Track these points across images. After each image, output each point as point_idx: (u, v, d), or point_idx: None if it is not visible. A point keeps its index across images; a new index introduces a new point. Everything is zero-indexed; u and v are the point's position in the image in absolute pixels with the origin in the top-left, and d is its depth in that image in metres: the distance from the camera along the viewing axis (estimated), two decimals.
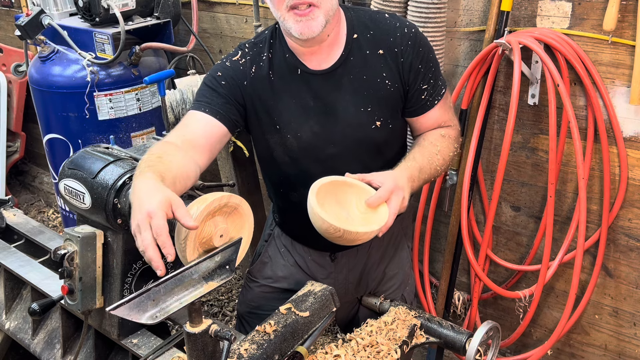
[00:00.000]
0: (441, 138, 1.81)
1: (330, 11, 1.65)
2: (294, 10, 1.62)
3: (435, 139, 1.81)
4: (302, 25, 1.63)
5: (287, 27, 1.65)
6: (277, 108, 1.77)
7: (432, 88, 1.78)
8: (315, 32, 1.63)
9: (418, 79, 1.75)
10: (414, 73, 1.74)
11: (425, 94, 1.78)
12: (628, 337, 2.46)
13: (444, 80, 1.84)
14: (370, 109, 1.75)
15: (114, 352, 1.91)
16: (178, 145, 1.62)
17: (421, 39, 1.76)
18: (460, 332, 1.71)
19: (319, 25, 1.63)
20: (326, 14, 1.63)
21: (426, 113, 1.81)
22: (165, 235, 1.29)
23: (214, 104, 1.73)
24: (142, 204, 1.32)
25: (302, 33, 1.63)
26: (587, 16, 2.16)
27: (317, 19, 1.62)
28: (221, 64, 1.80)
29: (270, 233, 2.08)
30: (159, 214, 1.29)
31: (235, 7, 3.24)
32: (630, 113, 2.16)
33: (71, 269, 1.67)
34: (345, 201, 1.62)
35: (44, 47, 3.03)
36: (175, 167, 1.52)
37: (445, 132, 1.83)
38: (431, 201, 2.70)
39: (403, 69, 1.74)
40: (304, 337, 1.63)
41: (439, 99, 1.81)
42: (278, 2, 1.63)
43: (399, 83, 1.75)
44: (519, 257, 2.66)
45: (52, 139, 3.18)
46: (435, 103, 1.80)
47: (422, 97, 1.78)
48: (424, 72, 1.76)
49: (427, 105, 1.80)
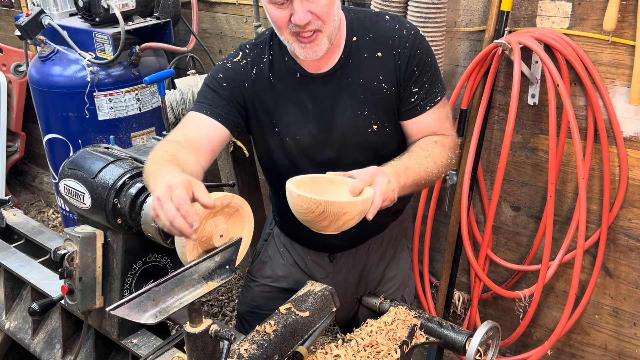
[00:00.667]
0: (433, 144, 1.74)
1: (334, 31, 1.64)
2: (297, 36, 1.62)
3: (426, 144, 1.74)
4: (307, 50, 1.63)
5: (292, 49, 1.66)
6: (277, 110, 1.76)
7: (425, 93, 1.73)
8: (320, 55, 1.64)
9: (411, 80, 1.72)
10: (408, 75, 1.71)
11: (417, 97, 1.73)
12: (628, 337, 2.46)
13: (442, 88, 1.79)
14: (366, 112, 1.73)
15: (114, 352, 1.92)
16: (185, 146, 1.63)
17: (420, 41, 1.73)
18: (460, 332, 1.71)
19: (324, 49, 1.64)
20: (330, 36, 1.63)
21: (416, 118, 1.76)
22: (187, 205, 1.31)
23: (216, 106, 1.73)
24: (166, 181, 1.35)
25: (307, 56, 1.64)
26: (587, 16, 2.16)
27: (322, 43, 1.63)
28: (222, 65, 1.79)
29: (269, 232, 2.09)
30: (180, 187, 1.32)
31: (235, 7, 3.24)
32: (630, 113, 2.16)
33: (71, 269, 1.67)
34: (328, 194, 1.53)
35: (44, 47, 3.03)
36: (189, 165, 1.54)
37: (439, 139, 1.76)
38: (431, 201, 2.70)
39: (399, 71, 1.71)
40: (304, 337, 1.63)
41: (432, 106, 1.75)
42: (281, 26, 1.62)
43: (395, 86, 1.73)
44: (519, 257, 2.66)
45: (52, 139, 3.18)
46: (427, 109, 1.75)
47: (412, 100, 1.74)
48: (418, 74, 1.72)
49: (417, 110, 1.75)
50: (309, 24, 1.58)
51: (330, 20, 1.61)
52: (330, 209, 1.41)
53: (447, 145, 1.76)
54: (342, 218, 1.43)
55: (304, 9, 1.56)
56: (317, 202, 1.40)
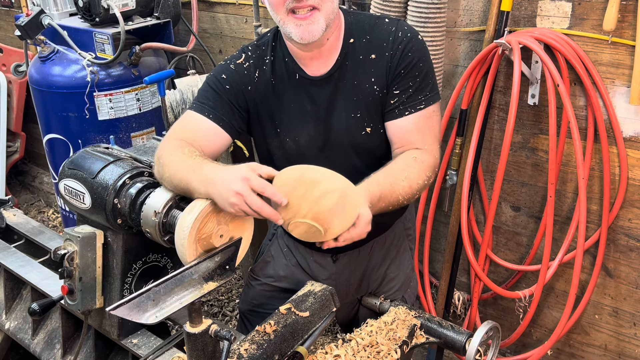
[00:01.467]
0: (413, 162, 1.65)
1: (331, 14, 1.62)
2: (293, 15, 1.59)
3: (406, 163, 1.65)
4: (302, 30, 1.60)
5: (287, 32, 1.63)
6: (278, 112, 1.76)
7: (406, 97, 1.68)
8: (316, 36, 1.61)
9: (395, 81, 1.68)
10: (394, 75, 1.69)
11: (396, 100, 1.69)
12: (628, 337, 2.46)
13: (431, 98, 1.71)
14: (359, 115, 1.72)
15: (114, 352, 1.92)
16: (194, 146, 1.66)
17: (414, 45, 1.69)
18: (460, 332, 1.71)
19: (320, 29, 1.61)
20: (327, 17, 1.61)
21: (394, 121, 1.70)
22: (270, 186, 1.42)
23: (218, 109, 1.72)
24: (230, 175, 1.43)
25: (302, 37, 1.61)
26: (587, 16, 2.16)
27: (318, 22, 1.60)
28: (225, 66, 1.78)
29: (274, 233, 2.09)
30: (253, 175, 1.42)
31: (235, 7, 3.24)
32: (630, 113, 2.16)
33: (71, 269, 1.67)
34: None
35: (44, 47, 3.03)
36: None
37: (419, 157, 1.67)
38: (431, 201, 2.70)
39: (389, 72, 1.69)
40: (304, 337, 1.63)
41: (412, 112, 1.68)
42: (277, 5, 1.60)
43: (387, 88, 1.70)
44: (519, 257, 2.66)
45: (52, 139, 3.18)
46: (406, 114, 1.69)
47: (391, 102, 1.69)
48: (404, 76, 1.68)
49: (395, 113, 1.70)
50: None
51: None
52: (309, 174, 1.44)
53: (426, 163, 1.68)
54: (318, 186, 1.43)
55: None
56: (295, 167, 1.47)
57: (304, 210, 1.44)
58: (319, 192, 1.43)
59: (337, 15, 1.68)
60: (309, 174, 1.44)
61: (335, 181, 1.44)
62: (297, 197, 1.43)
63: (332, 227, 1.46)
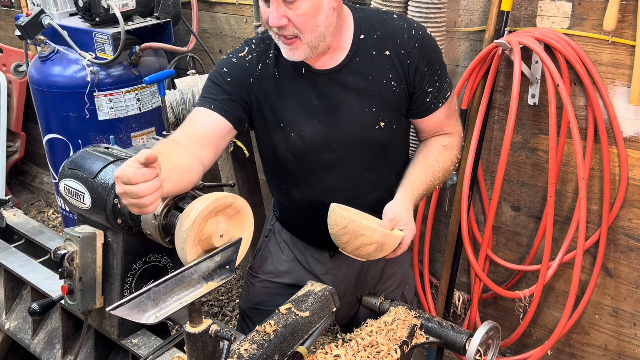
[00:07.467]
0: (444, 151, 1.84)
1: (317, 39, 1.63)
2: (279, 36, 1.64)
3: (438, 152, 1.83)
4: (287, 51, 1.66)
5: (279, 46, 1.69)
6: (282, 106, 1.77)
7: (437, 91, 1.78)
8: (299, 59, 1.66)
9: (424, 81, 1.75)
10: (419, 75, 1.74)
11: (430, 96, 1.78)
12: (628, 337, 2.46)
13: (450, 82, 1.83)
14: (374, 109, 1.75)
15: (114, 352, 1.92)
16: (182, 143, 1.62)
17: (428, 40, 1.75)
18: (460, 332, 1.71)
19: (304, 54, 1.65)
20: (312, 45, 1.64)
21: (430, 115, 1.82)
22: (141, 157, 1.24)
23: (220, 100, 1.73)
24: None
25: (287, 56, 1.67)
26: (587, 16, 2.16)
27: (300, 48, 1.64)
28: (227, 60, 1.79)
29: (270, 228, 2.09)
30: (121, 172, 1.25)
31: (235, 7, 3.24)
32: (630, 113, 2.16)
33: (71, 269, 1.67)
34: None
35: (44, 47, 3.03)
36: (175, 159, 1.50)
37: (449, 143, 1.85)
38: (431, 201, 2.70)
39: (409, 71, 1.74)
40: (304, 337, 1.63)
41: (443, 102, 1.81)
42: (266, 24, 1.64)
43: (405, 84, 1.75)
44: (519, 257, 2.66)
45: (52, 139, 3.18)
46: (440, 106, 1.80)
47: (427, 100, 1.78)
48: (430, 74, 1.75)
49: (431, 108, 1.80)
50: (284, 28, 1.60)
51: (308, 31, 1.61)
52: (351, 226, 1.63)
53: (455, 146, 1.87)
54: (359, 239, 1.64)
55: (279, 13, 1.58)
56: (342, 216, 1.64)
57: (348, 251, 1.70)
58: (360, 243, 1.65)
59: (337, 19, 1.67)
60: (351, 225, 1.63)
61: (374, 235, 1.64)
62: (343, 242, 1.67)
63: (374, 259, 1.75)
